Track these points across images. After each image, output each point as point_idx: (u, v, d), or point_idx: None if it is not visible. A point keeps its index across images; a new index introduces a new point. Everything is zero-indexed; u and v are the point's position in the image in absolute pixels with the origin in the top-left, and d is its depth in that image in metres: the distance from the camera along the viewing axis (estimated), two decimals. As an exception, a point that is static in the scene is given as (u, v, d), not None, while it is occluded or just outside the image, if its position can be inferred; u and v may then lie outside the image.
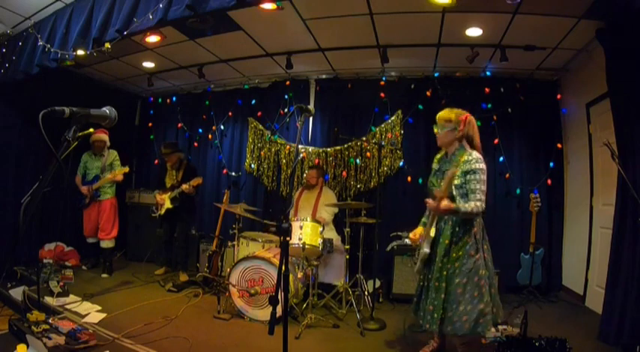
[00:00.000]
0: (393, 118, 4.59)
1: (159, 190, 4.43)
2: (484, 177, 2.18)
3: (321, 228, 3.35)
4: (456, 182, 2.17)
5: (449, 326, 2.17)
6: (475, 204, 2.13)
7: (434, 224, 2.34)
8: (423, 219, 2.52)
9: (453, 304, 2.17)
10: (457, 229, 2.24)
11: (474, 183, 2.15)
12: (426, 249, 2.29)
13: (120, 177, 4.35)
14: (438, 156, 2.48)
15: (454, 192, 2.17)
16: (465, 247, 2.21)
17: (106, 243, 4.41)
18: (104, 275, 4.31)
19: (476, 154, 2.22)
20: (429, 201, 2.22)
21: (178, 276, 4.26)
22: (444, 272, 2.22)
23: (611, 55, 2.97)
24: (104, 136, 4.33)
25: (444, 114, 2.33)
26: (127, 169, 4.32)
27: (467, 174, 2.17)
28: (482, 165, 2.18)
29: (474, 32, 3.51)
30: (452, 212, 2.15)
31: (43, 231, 4.52)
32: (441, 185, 2.20)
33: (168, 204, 4.27)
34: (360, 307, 3.38)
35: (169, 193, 4.27)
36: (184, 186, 4.11)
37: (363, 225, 3.60)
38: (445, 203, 2.10)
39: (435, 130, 2.35)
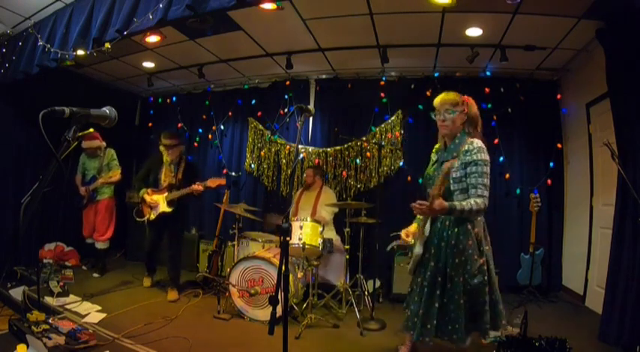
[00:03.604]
0: (393, 118, 4.59)
1: (148, 189, 3.67)
2: (487, 169, 1.94)
3: (321, 228, 3.34)
4: (454, 175, 1.95)
5: (454, 334, 1.98)
6: (475, 201, 1.89)
7: (428, 222, 2.11)
8: (419, 216, 2.25)
9: (454, 313, 1.99)
10: (455, 230, 2.01)
11: (475, 176, 1.93)
12: (419, 250, 2.09)
13: (115, 179, 4.31)
14: (437, 146, 2.26)
15: (452, 187, 1.96)
16: (468, 251, 1.98)
17: (100, 244, 4.38)
18: (95, 275, 4.29)
19: (478, 143, 1.98)
20: (415, 205, 1.90)
21: (166, 294, 3.65)
22: (439, 278, 2.03)
23: (611, 55, 2.97)
24: (95, 142, 4.24)
25: (448, 97, 2.07)
26: (118, 171, 4.33)
27: (467, 166, 1.94)
28: (486, 156, 1.95)
29: (474, 32, 3.51)
30: (447, 212, 1.90)
31: (43, 231, 4.52)
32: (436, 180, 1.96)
33: (164, 207, 3.56)
34: (360, 307, 3.37)
35: (166, 194, 3.59)
36: (197, 187, 3.44)
37: (363, 225, 3.60)
38: (438, 202, 1.83)
39: (439, 117, 2.09)
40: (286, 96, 5.00)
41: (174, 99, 5.69)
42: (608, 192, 3.28)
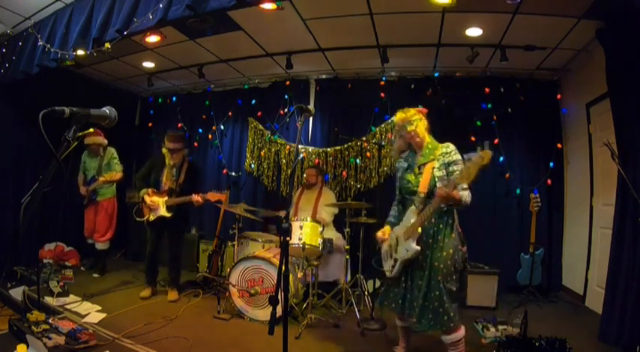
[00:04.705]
0: (393, 118, 4.59)
1: (149, 189, 3.60)
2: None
3: (321, 228, 3.34)
4: (438, 174, 2.15)
5: (450, 323, 2.08)
6: (467, 194, 2.08)
7: (425, 221, 2.16)
8: (391, 219, 2.43)
9: (446, 302, 2.08)
10: (440, 226, 2.18)
11: (459, 173, 2.09)
12: (418, 246, 2.14)
13: (115, 178, 4.29)
14: (399, 157, 2.42)
15: (437, 185, 2.12)
16: (453, 242, 2.16)
17: (100, 245, 4.38)
18: (95, 275, 4.30)
19: (452, 146, 2.23)
20: (442, 187, 2.02)
21: (166, 294, 3.66)
22: (430, 271, 2.13)
23: (611, 55, 2.97)
24: (99, 138, 4.21)
25: (405, 113, 2.28)
26: (119, 172, 4.31)
27: (449, 165, 2.17)
28: (460, 156, 2.18)
29: (474, 32, 3.52)
30: (456, 201, 2.04)
31: (43, 231, 4.52)
32: (451, 176, 2.09)
33: (164, 212, 3.53)
34: (360, 307, 3.38)
35: (166, 198, 3.55)
36: (196, 198, 3.44)
37: (363, 225, 3.60)
38: (455, 192, 1.99)
39: (409, 128, 2.24)
40: (286, 96, 5.00)
41: (174, 99, 5.69)
42: (608, 192, 3.28)
